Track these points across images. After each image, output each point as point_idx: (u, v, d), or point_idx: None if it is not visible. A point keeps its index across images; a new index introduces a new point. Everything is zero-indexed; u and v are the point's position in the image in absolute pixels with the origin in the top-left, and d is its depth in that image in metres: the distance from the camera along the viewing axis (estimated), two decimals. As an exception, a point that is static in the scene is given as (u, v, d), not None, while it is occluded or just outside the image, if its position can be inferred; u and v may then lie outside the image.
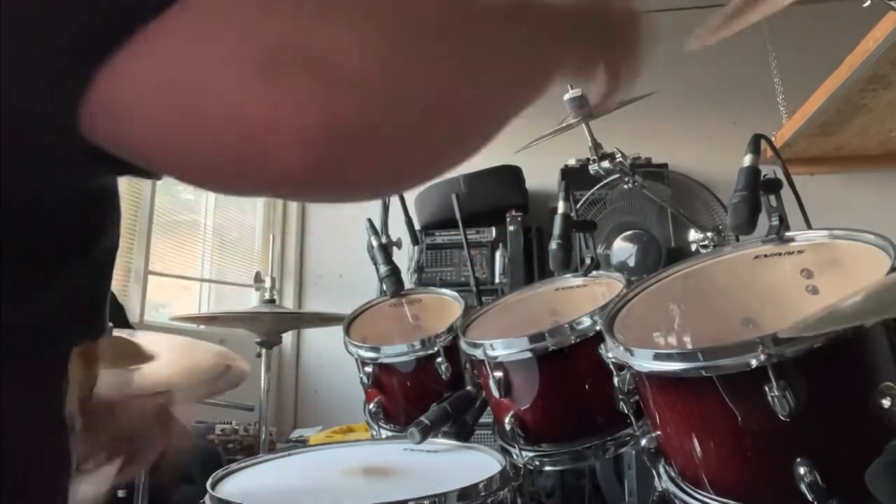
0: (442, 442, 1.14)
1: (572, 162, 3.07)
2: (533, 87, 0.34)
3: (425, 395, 1.36)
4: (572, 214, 1.38)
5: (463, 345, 1.23)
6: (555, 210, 1.37)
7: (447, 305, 1.56)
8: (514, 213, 2.96)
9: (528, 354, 1.12)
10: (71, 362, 0.44)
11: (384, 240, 1.66)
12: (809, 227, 1.09)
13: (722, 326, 1.01)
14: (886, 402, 0.70)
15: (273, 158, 0.28)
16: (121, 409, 0.74)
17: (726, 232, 1.52)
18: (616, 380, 0.99)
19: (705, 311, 1.05)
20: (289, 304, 3.54)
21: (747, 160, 1.04)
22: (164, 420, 0.79)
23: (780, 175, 1.08)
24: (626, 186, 1.58)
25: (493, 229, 3.00)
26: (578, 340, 1.10)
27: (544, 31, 0.35)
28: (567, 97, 1.59)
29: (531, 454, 1.15)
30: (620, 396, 1.00)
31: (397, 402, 1.44)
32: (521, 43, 0.33)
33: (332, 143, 0.28)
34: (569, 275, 1.42)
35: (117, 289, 2.60)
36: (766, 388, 0.73)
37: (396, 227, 1.82)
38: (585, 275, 1.38)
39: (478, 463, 1.00)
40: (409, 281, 1.86)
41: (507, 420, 1.15)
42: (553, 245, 1.33)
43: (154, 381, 1.25)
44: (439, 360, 1.35)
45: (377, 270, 1.62)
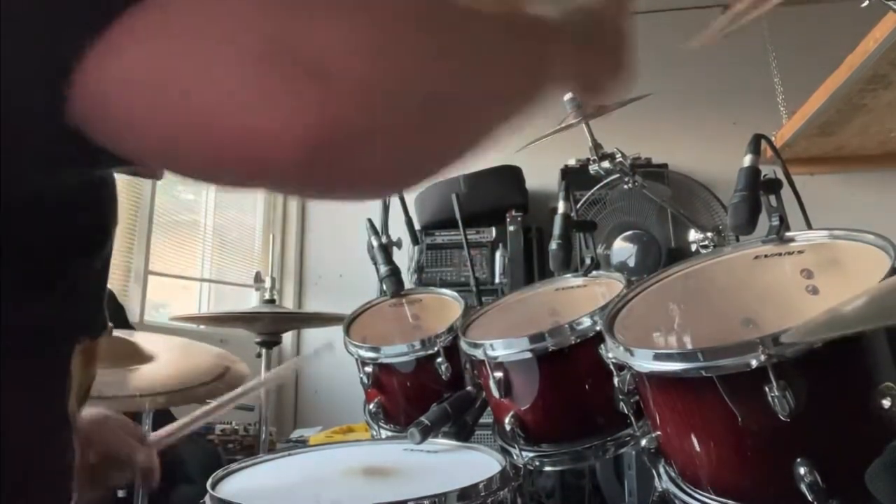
0: (442, 442, 1.14)
1: (572, 162, 3.07)
2: (525, 91, 0.34)
3: (425, 395, 1.36)
4: (572, 214, 1.38)
5: (463, 345, 1.23)
6: (555, 210, 1.37)
7: (447, 305, 1.56)
8: (514, 213, 2.96)
9: (528, 354, 1.12)
10: (73, 361, 0.44)
11: (384, 240, 1.66)
12: (809, 227, 1.09)
13: (722, 326, 1.01)
14: (886, 402, 0.70)
15: (269, 157, 0.28)
16: (99, 430, 0.74)
17: (726, 232, 1.51)
18: (616, 380, 0.99)
19: (705, 311, 1.05)
20: (289, 304, 3.54)
21: (747, 160, 1.04)
22: (140, 438, 0.79)
23: (780, 175, 1.08)
24: (626, 186, 1.58)
25: (493, 229, 3.00)
26: (578, 340, 1.10)
27: (534, 37, 0.35)
28: (567, 97, 1.59)
29: (531, 454, 1.15)
30: (620, 396, 1.00)
31: (397, 403, 1.44)
32: (513, 47, 0.33)
33: (329, 141, 0.28)
34: (569, 275, 1.42)
35: (117, 289, 2.60)
36: (766, 389, 0.73)
37: (396, 227, 1.82)
38: (585, 275, 1.38)
39: (478, 463, 1.00)
40: (409, 281, 1.86)
41: (507, 420, 1.15)
42: (553, 245, 1.33)
43: (152, 381, 1.25)
44: (439, 360, 1.35)
45: (377, 270, 1.62)
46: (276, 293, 2.26)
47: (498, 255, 2.92)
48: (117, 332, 1.40)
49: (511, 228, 2.93)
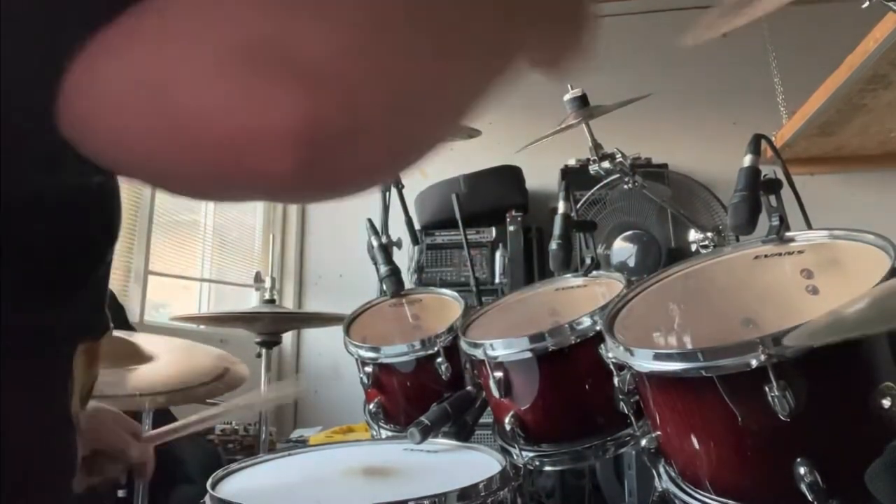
0: (442, 442, 1.14)
1: (572, 162, 3.07)
2: (497, 68, 0.34)
3: (425, 395, 1.36)
4: (572, 214, 1.38)
5: (463, 345, 1.23)
6: (555, 210, 1.37)
7: (447, 305, 1.56)
8: (514, 213, 2.96)
9: (528, 354, 1.12)
10: (75, 361, 0.44)
11: (384, 240, 1.66)
12: (809, 227, 1.09)
13: (722, 326, 1.01)
14: (886, 402, 0.70)
15: (257, 166, 0.28)
16: (92, 422, 0.74)
17: (726, 232, 1.52)
18: (616, 380, 0.99)
19: (705, 311, 1.05)
20: (289, 304, 3.54)
21: (747, 160, 1.05)
22: (133, 432, 0.80)
23: (780, 175, 1.08)
24: (626, 186, 1.58)
25: (493, 229, 3.00)
26: (578, 340, 1.10)
27: (502, 10, 0.35)
28: (567, 97, 1.59)
29: (531, 454, 1.15)
30: (620, 396, 1.00)
31: (397, 402, 1.44)
32: (484, 24, 0.33)
33: (317, 145, 0.28)
34: (569, 275, 1.42)
35: (117, 289, 2.60)
36: (766, 388, 0.73)
37: (396, 227, 1.82)
38: (585, 275, 1.38)
39: (478, 463, 1.00)
40: (409, 281, 1.86)
41: (507, 420, 1.15)
42: (553, 245, 1.33)
43: (152, 381, 1.25)
44: (439, 360, 1.35)
45: (377, 270, 1.62)
46: (276, 293, 2.26)
47: (498, 255, 2.92)
48: (118, 333, 1.40)
49: (511, 228, 2.93)
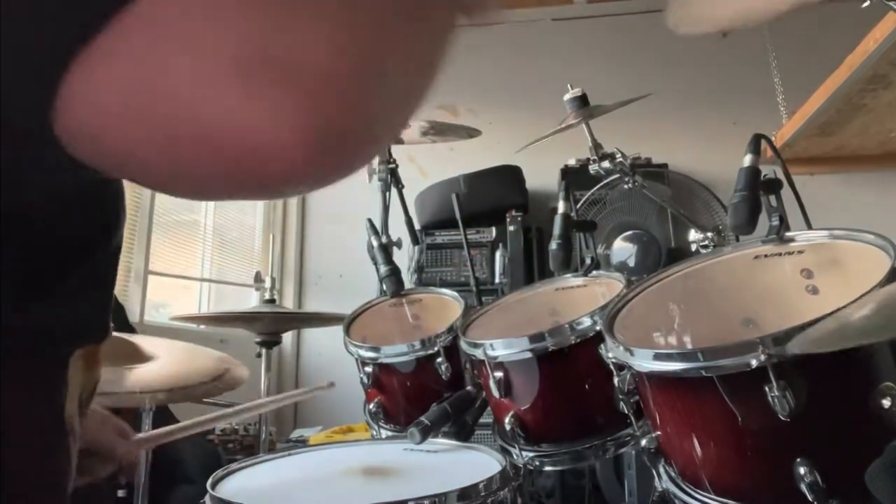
0: (442, 442, 1.14)
1: (572, 162, 3.07)
2: (449, 28, 0.35)
3: (425, 395, 1.36)
4: (572, 214, 1.38)
5: (463, 345, 1.23)
6: (555, 210, 1.37)
7: (447, 305, 1.56)
8: (514, 213, 2.96)
9: (528, 354, 1.12)
10: (71, 365, 0.44)
11: (384, 240, 1.66)
12: (809, 227, 1.09)
13: (722, 326, 1.01)
14: (886, 402, 0.70)
15: (262, 169, 0.28)
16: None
17: (726, 232, 1.51)
18: (616, 380, 0.99)
19: (705, 311, 1.05)
20: (289, 304, 3.54)
21: (747, 160, 1.04)
22: (121, 432, 0.80)
23: (780, 175, 1.08)
24: (626, 186, 1.58)
25: (493, 229, 3.00)
26: (578, 340, 1.10)
27: None
28: (567, 97, 1.59)
29: (531, 454, 1.15)
30: (620, 396, 1.00)
31: (397, 402, 1.44)
32: None
33: (321, 145, 0.28)
34: (569, 275, 1.42)
35: (117, 289, 2.59)
36: (766, 388, 0.73)
37: (396, 227, 1.83)
38: (585, 275, 1.38)
39: (478, 463, 1.00)
40: (409, 281, 1.86)
41: (507, 420, 1.15)
42: (553, 245, 1.33)
43: (152, 380, 1.25)
44: (439, 360, 1.35)
45: (377, 270, 1.62)
46: (276, 293, 2.26)
47: (498, 255, 2.92)
48: (119, 334, 1.40)
49: (511, 228, 2.93)
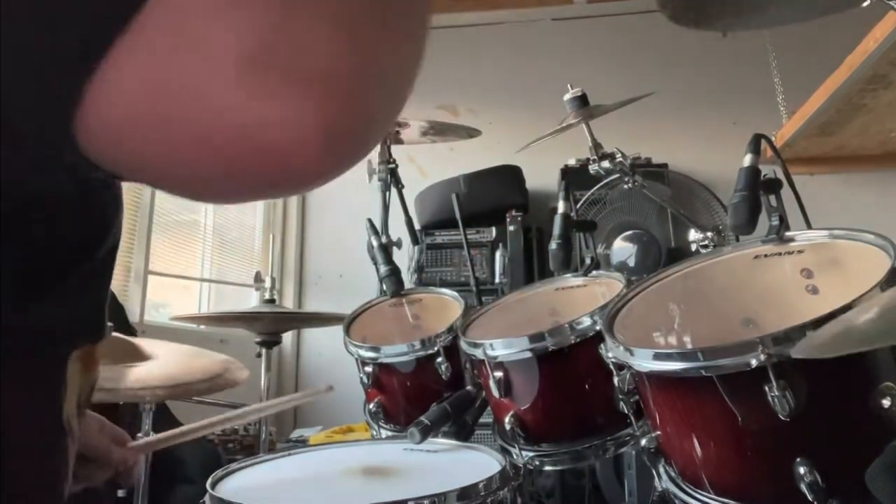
0: (442, 442, 1.14)
1: (572, 162, 3.07)
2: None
3: (425, 395, 1.36)
4: (572, 214, 1.38)
5: (463, 345, 1.23)
6: (555, 210, 1.37)
7: (447, 305, 1.56)
8: (514, 213, 2.96)
9: (528, 354, 1.12)
10: (70, 365, 0.44)
11: (384, 240, 1.66)
12: (809, 227, 1.09)
13: (722, 326, 1.01)
14: (886, 402, 0.70)
15: (274, 167, 0.28)
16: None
17: (726, 232, 1.51)
18: (616, 380, 0.99)
19: (705, 311, 1.05)
20: (289, 304, 3.54)
21: (747, 160, 1.04)
22: (117, 438, 0.80)
23: (780, 175, 1.08)
24: (626, 186, 1.58)
25: (493, 229, 3.00)
26: (578, 340, 1.10)
27: None
28: (567, 97, 1.59)
29: (531, 454, 1.15)
30: (620, 396, 1.00)
31: (397, 402, 1.44)
32: None
33: (333, 139, 0.28)
34: (569, 275, 1.42)
35: (117, 289, 2.59)
36: (766, 388, 0.73)
37: (396, 227, 1.82)
38: (585, 275, 1.38)
39: (478, 463, 1.00)
40: (409, 281, 1.86)
41: (507, 420, 1.15)
42: (553, 245, 1.33)
43: (152, 378, 1.25)
44: (439, 360, 1.35)
45: (377, 270, 1.62)
46: (276, 293, 2.26)
47: (498, 255, 2.92)
48: (120, 335, 1.40)
49: (511, 228, 2.93)
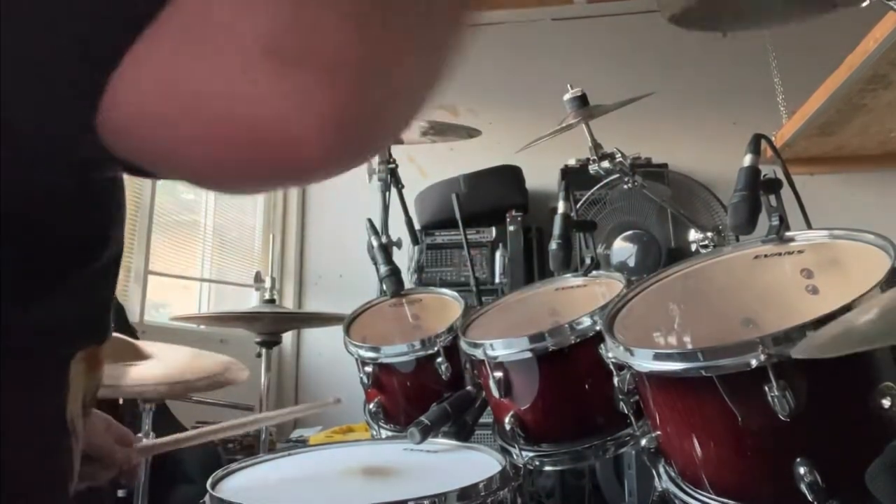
0: (442, 442, 1.14)
1: (572, 162, 3.07)
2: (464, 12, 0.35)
3: (425, 395, 1.36)
4: (572, 214, 1.38)
5: (463, 345, 1.23)
6: (555, 210, 1.37)
7: (447, 305, 1.56)
8: (514, 213, 2.96)
9: (528, 354, 1.12)
10: (74, 367, 0.44)
11: (384, 240, 1.66)
12: (809, 227, 1.09)
13: (722, 326, 1.01)
14: (886, 402, 0.70)
15: (290, 154, 0.28)
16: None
17: (726, 232, 1.51)
18: (616, 380, 0.99)
19: (705, 311, 1.05)
20: (289, 304, 3.54)
21: (747, 160, 1.04)
22: (121, 438, 0.80)
23: (780, 175, 1.08)
24: (626, 186, 1.58)
25: (493, 229, 3.00)
26: (578, 340, 1.10)
27: None
28: (567, 97, 1.59)
29: (531, 454, 1.15)
30: (620, 396, 1.00)
31: (397, 402, 1.44)
32: None
33: (343, 128, 0.28)
34: (569, 275, 1.42)
35: (117, 289, 2.59)
36: (766, 388, 0.73)
37: (396, 227, 1.82)
38: (585, 275, 1.38)
39: (478, 463, 1.00)
40: (409, 281, 1.86)
41: (507, 420, 1.15)
42: (553, 245, 1.33)
43: (152, 376, 1.25)
44: (439, 360, 1.35)
45: (377, 270, 1.62)
46: (276, 293, 2.26)
47: (498, 255, 2.92)
48: (120, 336, 1.40)
49: (511, 228, 2.93)
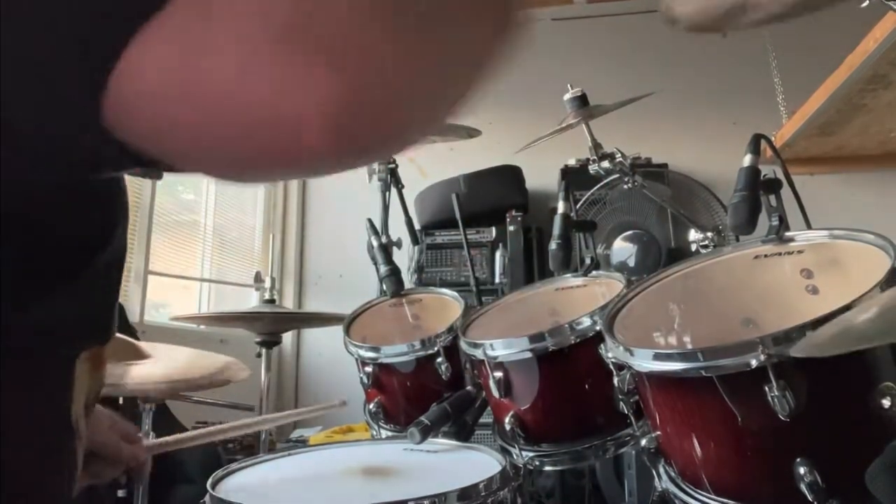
0: (442, 442, 1.14)
1: (572, 162, 3.07)
2: (502, 34, 0.35)
3: (425, 395, 1.36)
4: (572, 214, 1.38)
5: (463, 345, 1.23)
6: (555, 210, 1.37)
7: (447, 305, 1.56)
8: (514, 213, 2.96)
9: (528, 354, 1.12)
10: (78, 367, 0.44)
11: (384, 240, 1.66)
12: (809, 227, 1.09)
13: (722, 326, 1.01)
14: (886, 402, 0.70)
15: (294, 140, 0.28)
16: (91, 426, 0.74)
17: (726, 232, 1.52)
18: (616, 380, 0.99)
19: (705, 311, 1.05)
20: (289, 304, 3.54)
21: (747, 160, 1.05)
22: (127, 436, 0.80)
23: (780, 175, 1.08)
24: (626, 186, 1.58)
25: (493, 229, 3.00)
26: (578, 340, 1.10)
27: None
28: (567, 97, 1.59)
29: (531, 454, 1.15)
30: (620, 396, 1.00)
31: (397, 402, 1.44)
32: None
33: (351, 119, 0.28)
34: (569, 275, 1.42)
35: (117, 289, 2.59)
36: (766, 388, 0.73)
37: (396, 227, 1.82)
38: (585, 275, 1.38)
39: (478, 463, 1.00)
40: (409, 281, 1.86)
41: (507, 420, 1.15)
42: (553, 245, 1.33)
43: (153, 375, 1.25)
44: (439, 360, 1.35)
45: (377, 270, 1.62)
46: (276, 293, 2.26)
47: (498, 255, 2.92)
48: (120, 335, 1.41)
49: (511, 228, 2.93)
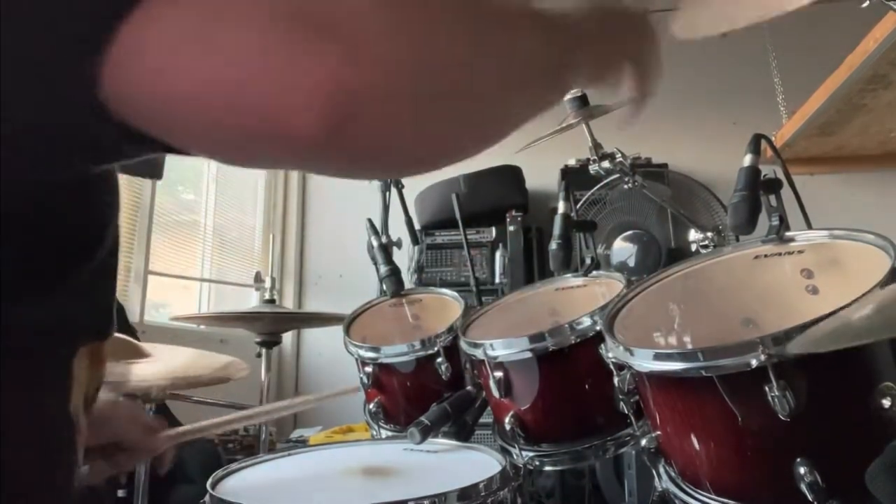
0: (442, 442, 1.14)
1: (572, 162, 3.07)
2: (546, 85, 0.34)
3: (425, 395, 1.36)
4: (572, 214, 1.38)
5: (463, 345, 1.23)
6: (555, 210, 1.37)
7: (447, 305, 1.56)
8: (514, 213, 2.96)
9: (528, 354, 1.12)
10: (77, 362, 0.44)
11: (384, 240, 1.66)
12: (809, 227, 1.09)
13: (722, 326, 1.01)
14: (886, 402, 0.70)
15: (288, 121, 0.28)
16: (110, 416, 0.75)
17: (726, 232, 1.51)
18: (616, 380, 0.99)
19: (705, 311, 1.05)
20: (289, 304, 3.54)
21: (747, 160, 1.04)
22: (148, 428, 0.80)
23: (780, 175, 1.08)
24: (626, 186, 1.58)
25: (493, 229, 3.00)
26: (578, 340, 1.10)
27: (556, 31, 0.35)
28: (567, 97, 1.59)
29: (531, 454, 1.15)
30: (620, 396, 1.00)
31: (397, 402, 1.44)
32: (534, 40, 0.33)
33: (348, 108, 0.28)
34: (569, 275, 1.42)
35: (117, 289, 2.59)
36: (766, 388, 0.73)
37: (396, 227, 1.82)
38: (585, 275, 1.38)
39: (478, 463, 1.00)
40: (409, 281, 1.86)
41: (507, 420, 1.15)
42: (553, 245, 1.33)
43: (153, 375, 1.25)
44: (439, 360, 1.35)
45: (377, 270, 1.62)
46: (276, 293, 2.26)
47: (498, 255, 2.92)
48: (121, 335, 1.41)
49: (511, 228, 2.93)
